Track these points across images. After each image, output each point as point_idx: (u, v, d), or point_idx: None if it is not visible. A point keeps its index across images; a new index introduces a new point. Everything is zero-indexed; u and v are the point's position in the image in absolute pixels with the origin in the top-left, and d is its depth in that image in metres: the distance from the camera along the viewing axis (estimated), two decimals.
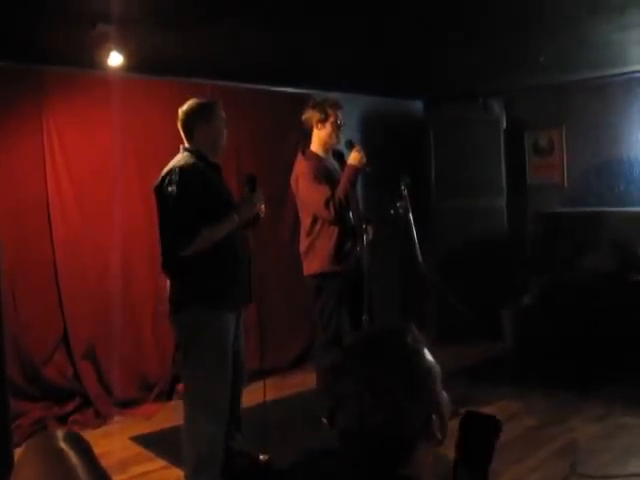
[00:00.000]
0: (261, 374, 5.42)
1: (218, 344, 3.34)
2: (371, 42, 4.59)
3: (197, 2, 3.51)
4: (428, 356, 1.36)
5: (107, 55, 4.07)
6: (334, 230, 4.33)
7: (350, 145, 4.39)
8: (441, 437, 1.34)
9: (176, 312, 3.36)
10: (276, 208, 5.52)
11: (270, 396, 5.01)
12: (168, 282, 3.42)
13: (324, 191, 4.25)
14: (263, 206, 3.65)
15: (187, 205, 3.21)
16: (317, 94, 5.58)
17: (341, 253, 4.35)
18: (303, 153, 4.49)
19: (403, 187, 4.20)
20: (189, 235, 3.18)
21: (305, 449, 4.03)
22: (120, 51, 4.06)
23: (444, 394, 1.37)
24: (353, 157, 4.31)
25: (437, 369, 1.36)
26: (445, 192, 6.62)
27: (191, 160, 3.33)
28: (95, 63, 4.33)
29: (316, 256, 4.39)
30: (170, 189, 3.22)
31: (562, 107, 6.49)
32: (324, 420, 1.40)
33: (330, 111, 4.37)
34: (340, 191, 4.24)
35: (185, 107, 3.45)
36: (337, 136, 4.42)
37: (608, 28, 4.27)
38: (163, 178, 3.28)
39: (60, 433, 1.31)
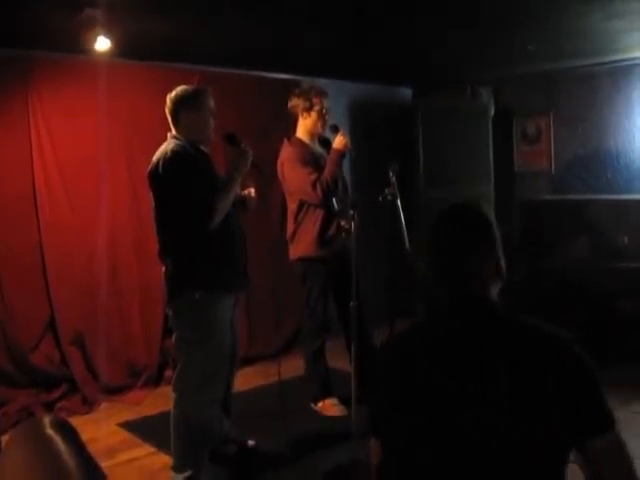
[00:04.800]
0: (249, 360, 5.49)
1: (216, 328, 3.35)
2: (360, 29, 4.58)
3: None
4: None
5: (94, 40, 4.03)
6: (319, 215, 4.37)
7: (335, 129, 4.41)
8: (504, 276, 1.76)
9: (174, 296, 3.37)
10: (265, 194, 5.52)
11: (258, 382, 5.06)
12: (163, 269, 3.42)
13: (310, 173, 4.28)
14: (253, 190, 3.71)
15: (192, 182, 3.24)
16: (306, 80, 5.58)
17: (325, 238, 4.37)
18: (289, 139, 4.50)
19: (391, 174, 4.20)
20: (209, 207, 3.23)
21: None
22: (108, 36, 4.02)
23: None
24: (338, 141, 4.35)
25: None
26: (433, 179, 6.63)
27: (180, 146, 3.32)
28: (82, 48, 4.29)
29: (301, 241, 4.43)
30: (170, 172, 3.23)
31: (550, 95, 6.50)
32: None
33: (315, 100, 4.40)
34: (327, 173, 4.27)
35: (173, 94, 3.43)
36: (322, 124, 4.45)
37: (596, 17, 4.27)
38: (157, 164, 3.27)
39: (47, 419, 1.31)
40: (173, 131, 3.44)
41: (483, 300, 1.71)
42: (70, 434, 1.30)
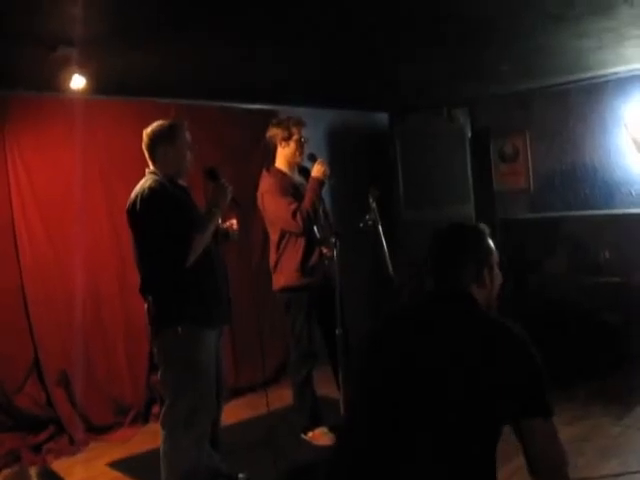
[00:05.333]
0: (237, 392, 5.44)
1: (201, 363, 3.33)
2: (335, 57, 4.61)
3: (160, 22, 3.49)
4: (491, 244, 2.15)
5: (69, 78, 4.03)
6: (300, 244, 4.38)
7: (313, 158, 4.44)
8: (489, 284, 2.11)
9: (157, 333, 3.35)
10: (246, 225, 5.50)
11: (247, 414, 5.01)
12: (146, 305, 3.40)
13: (290, 203, 4.29)
14: (235, 222, 3.72)
15: (169, 219, 3.23)
16: (282, 110, 5.60)
17: (307, 266, 4.38)
18: (268, 170, 4.51)
19: (371, 200, 4.23)
20: (185, 244, 3.21)
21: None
22: (82, 73, 4.02)
23: (497, 269, 2.16)
24: (316, 170, 4.38)
25: (495, 254, 2.16)
26: (413, 202, 6.65)
27: (157, 182, 3.33)
28: (57, 86, 4.29)
29: (283, 270, 4.43)
30: (146, 209, 3.23)
31: (525, 114, 6.56)
32: None
33: (294, 129, 4.42)
34: (306, 202, 4.29)
35: (149, 130, 3.45)
36: (301, 153, 4.47)
37: (565, 35, 4.33)
38: (134, 201, 3.28)
39: (34, 470, 1.29)
40: (151, 166, 3.44)
41: (455, 292, 2.08)
42: None
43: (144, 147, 3.46)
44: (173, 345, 3.30)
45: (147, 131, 3.45)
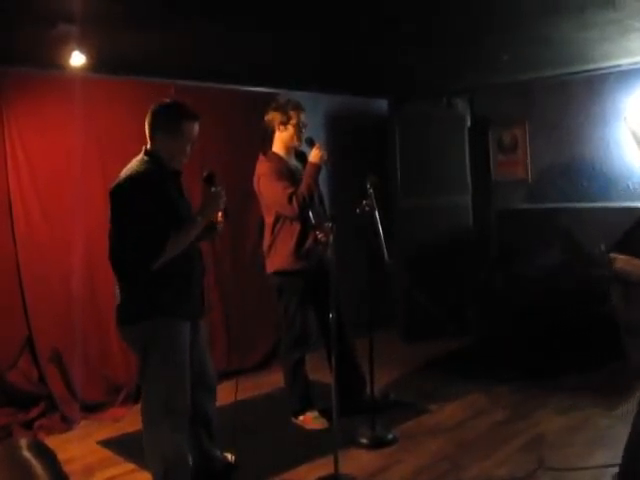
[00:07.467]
0: (229, 375, 5.45)
1: (172, 354, 3.21)
2: (336, 42, 4.59)
3: (161, 2, 3.47)
4: None
5: (69, 55, 4.01)
6: (295, 228, 4.37)
7: (310, 143, 4.42)
8: None
9: (127, 324, 3.23)
10: (242, 209, 5.50)
11: (238, 396, 5.02)
12: (117, 292, 3.27)
13: (286, 187, 4.28)
14: (220, 214, 3.52)
15: (146, 216, 3.06)
16: (282, 93, 5.58)
17: (301, 251, 4.37)
18: (264, 154, 4.49)
19: (369, 186, 4.23)
20: (156, 247, 3.04)
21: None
22: (82, 51, 4.00)
23: None
24: (314, 155, 4.36)
25: None
26: (411, 190, 6.64)
27: (147, 167, 3.18)
28: (57, 63, 4.27)
29: (277, 254, 4.43)
30: (128, 199, 3.10)
31: (525, 104, 6.56)
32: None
33: (292, 113, 4.40)
34: (303, 187, 4.28)
35: (157, 107, 3.28)
36: (298, 138, 4.45)
37: (569, 27, 4.31)
38: (120, 184, 3.14)
39: (24, 442, 1.29)
40: (148, 144, 3.30)
41: None
42: (48, 456, 1.28)
43: (146, 123, 3.29)
44: (143, 338, 3.20)
45: (154, 108, 3.28)
